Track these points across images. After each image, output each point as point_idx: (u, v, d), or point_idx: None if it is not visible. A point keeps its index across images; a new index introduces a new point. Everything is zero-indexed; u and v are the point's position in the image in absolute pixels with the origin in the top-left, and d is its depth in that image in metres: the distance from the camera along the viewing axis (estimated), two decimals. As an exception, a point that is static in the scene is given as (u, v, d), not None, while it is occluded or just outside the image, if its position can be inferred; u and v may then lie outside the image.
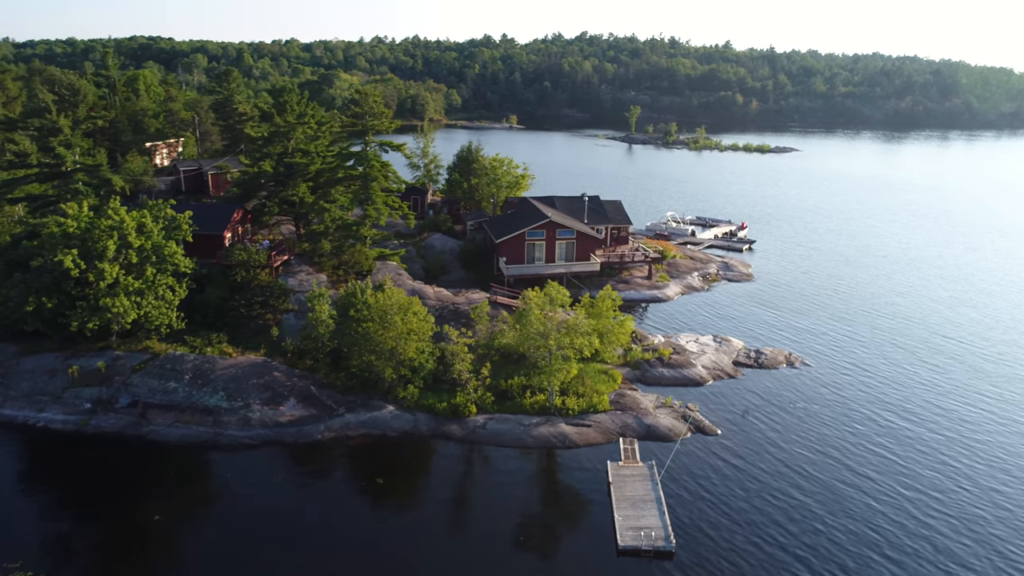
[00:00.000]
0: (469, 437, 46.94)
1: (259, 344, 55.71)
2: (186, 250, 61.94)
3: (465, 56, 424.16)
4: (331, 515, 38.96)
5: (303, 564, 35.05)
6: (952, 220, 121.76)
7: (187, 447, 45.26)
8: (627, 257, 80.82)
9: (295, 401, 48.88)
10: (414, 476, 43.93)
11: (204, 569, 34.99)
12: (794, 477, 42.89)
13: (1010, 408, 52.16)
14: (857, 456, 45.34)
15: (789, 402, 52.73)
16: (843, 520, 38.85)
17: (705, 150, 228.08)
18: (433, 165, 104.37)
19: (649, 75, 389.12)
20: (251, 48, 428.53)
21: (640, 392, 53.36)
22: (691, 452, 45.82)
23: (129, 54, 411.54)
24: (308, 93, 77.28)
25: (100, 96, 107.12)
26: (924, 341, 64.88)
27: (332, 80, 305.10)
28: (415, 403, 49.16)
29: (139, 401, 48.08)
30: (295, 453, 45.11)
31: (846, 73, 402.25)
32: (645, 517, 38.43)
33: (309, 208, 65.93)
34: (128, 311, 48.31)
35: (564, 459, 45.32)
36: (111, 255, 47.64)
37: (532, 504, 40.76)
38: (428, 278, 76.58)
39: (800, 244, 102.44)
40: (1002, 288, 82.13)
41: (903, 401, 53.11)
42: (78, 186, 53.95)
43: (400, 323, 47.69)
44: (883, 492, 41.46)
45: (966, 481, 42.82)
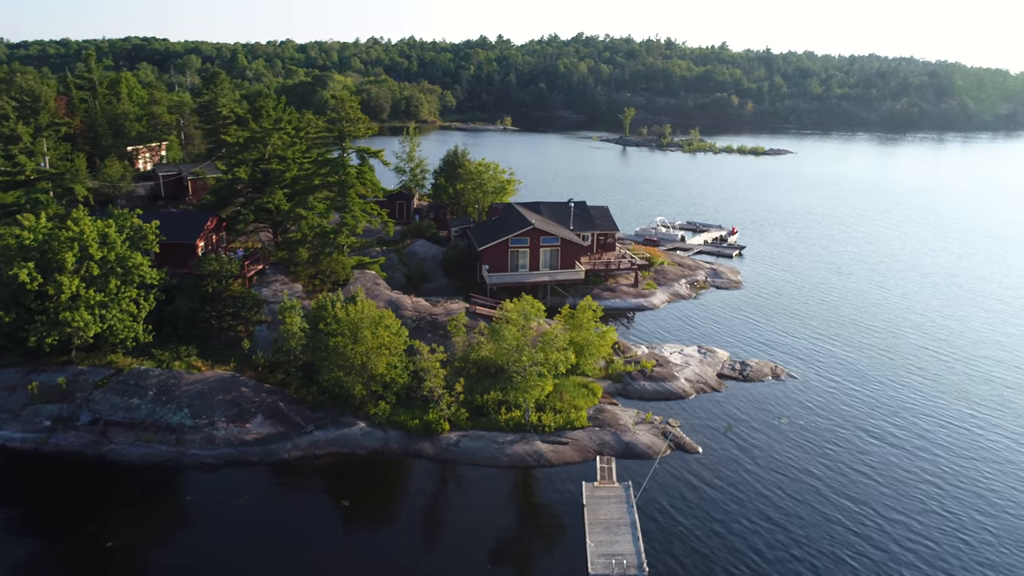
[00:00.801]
0: (441, 455, 45.43)
1: (230, 357, 54.12)
2: (157, 260, 60.52)
3: (460, 57, 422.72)
4: (295, 539, 37.44)
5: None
6: (946, 225, 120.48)
7: (148, 467, 43.69)
8: (613, 264, 79.33)
9: (263, 418, 47.32)
10: (382, 497, 42.39)
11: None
12: (775, 500, 41.41)
13: (995, 434, 49.86)
14: (840, 478, 43.82)
15: (773, 418, 51.28)
16: (824, 547, 37.36)
17: (699, 152, 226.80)
18: (419, 169, 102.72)
19: (645, 76, 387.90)
20: (246, 49, 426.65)
21: (620, 407, 51.89)
22: (670, 472, 44.33)
23: (123, 55, 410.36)
24: (285, 98, 75.78)
25: (81, 99, 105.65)
26: (913, 356, 63.12)
27: (326, 82, 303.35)
28: (387, 420, 47.64)
29: (100, 419, 46.49)
30: (260, 473, 43.55)
31: (842, 75, 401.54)
32: (618, 543, 36.92)
33: (285, 216, 64.35)
34: (89, 325, 46.72)
35: (539, 479, 43.84)
36: (71, 267, 46.04)
37: (503, 528, 39.22)
38: (410, 286, 75.15)
39: (791, 250, 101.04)
40: (995, 298, 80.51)
41: (889, 419, 51.48)
42: (40, 196, 52.33)
43: (370, 338, 46.14)
44: (866, 517, 39.92)
45: (952, 504, 41.30)
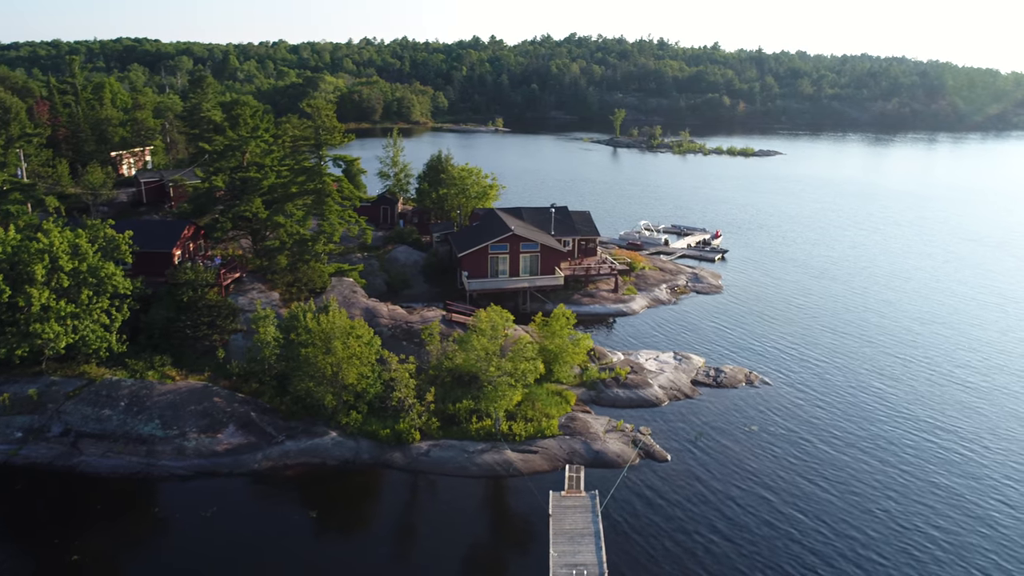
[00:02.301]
0: (412, 465, 45.63)
1: (204, 366, 54.27)
2: (133, 269, 60.63)
3: (453, 58, 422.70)
4: (262, 550, 37.66)
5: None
6: (932, 228, 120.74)
7: (118, 479, 43.77)
8: (593, 270, 79.63)
9: (234, 428, 47.46)
10: (350, 508, 42.56)
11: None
12: (741, 509, 41.71)
13: (961, 444, 49.81)
14: (808, 487, 44.13)
15: (743, 425, 51.60)
16: (790, 558, 37.65)
17: (689, 153, 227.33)
18: (403, 174, 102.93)
19: (637, 77, 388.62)
20: (238, 50, 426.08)
21: (593, 415, 52.18)
22: (638, 480, 44.62)
23: (115, 56, 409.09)
24: (263, 107, 75.89)
25: (65, 104, 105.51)
26: (887, 363, 63.18)
27: (317, 83, 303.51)
28: (358, 429, 47.84)
29: (72, 430, 46.58)
30: (230, 485, 43.69)
31: (833, 75, 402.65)
32: (581, 553, 37.16)
33: (262, 224, 64.45)
34: (60, 337, 46.80)
35: (507, 488, 44.09)
36: (41, 279, 46.11)
37: (469, 538, 39.46)
38: (390, 292, 75.42)
39: (775, 254, 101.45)
40: (976, 304, 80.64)
41: (858, 428, 51.65)
42: (11, 207, 52.34)
43: (341, 348, 46.31)
44: (833, 529, 40.16)
45: (917, 519, 41.42)
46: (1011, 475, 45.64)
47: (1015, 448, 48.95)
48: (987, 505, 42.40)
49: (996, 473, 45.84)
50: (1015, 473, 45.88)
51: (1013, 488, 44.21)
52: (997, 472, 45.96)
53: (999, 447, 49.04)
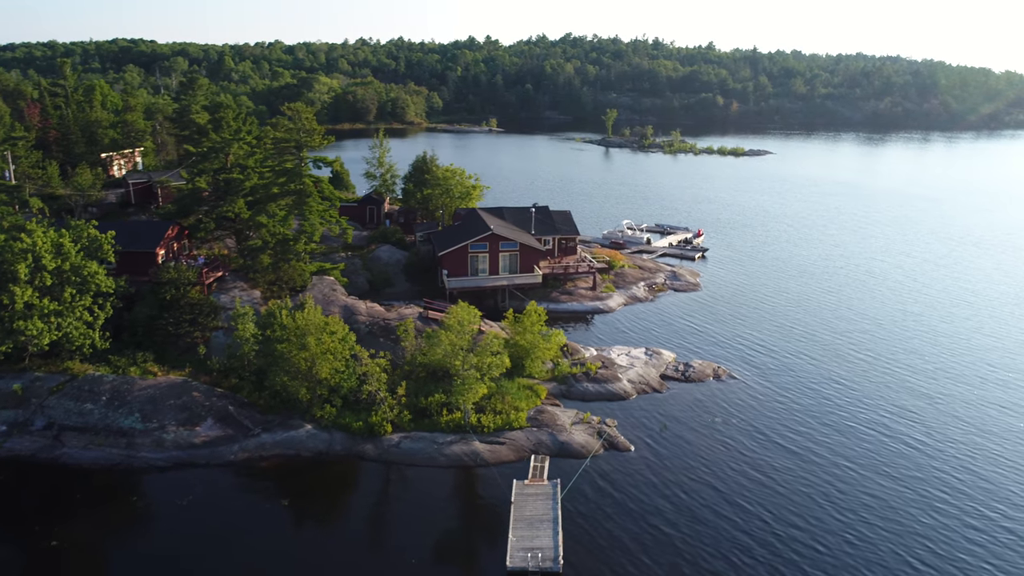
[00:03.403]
0: (383, 456, 47.30)
1: (186, 363, 55.94)
2: (118, 268, 62.31)
3: (448, 58, 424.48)
4: (234, 537, 39.31)
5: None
6: (914, 227, 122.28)
7: (99, 470, 45.38)
8: (571, 268, 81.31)
9: (212, 421, 49.10)
10: (320, 497, 44.24)
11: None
12: (697, 497, 43.33)
13: (918, 440, 50.78)
14: (757, 477, 45.51)
15: (707, 418, 53.28)
16: (737, 542, 39.29)
17: (680, 153, 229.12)
18: (389, 175, 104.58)
19: (631, 77, 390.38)
20: (233, 51, 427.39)
21: (561, 408, 53.85)
22: (600, 469, 46.30)
23: (110, 57, 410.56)
24: (246, 109, 77.49)
25: (55, 106, 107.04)
26: (856, 360, 64.45)
27: (311, 84, 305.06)
28: (332, 422, 49.49)
29: (55, 423, 48.21)
30: (207, 475, 45.31)
31: (826, 74, 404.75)
32: (539, 537, 38.86)
33: (244, 224, 66.07)
34: (43, 333, 48.42)
35: (474, 478, 45.75)
36: (24, 278, 47.74)
37: (432, 525, 41.11)
38: (372, 291, 77.01)
39: (756, 253, 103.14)
40: (948, 303, 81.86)
41: (817, 422, 52.99)
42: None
43: (314, 344, 47.95)
44: (774, 516, 41.39)
45: (860, 509, 42.57)
46: (954, 467, 47.33)
47: (963, 444, 50.63)
48: (928, 495, 44.05)
49: (942, 463, 47.50)
50: (960, 465, 47.57)
51: (955, 478, 45.92)
52: (942, 463, 47.60)
53: (947, 444, 50.63)
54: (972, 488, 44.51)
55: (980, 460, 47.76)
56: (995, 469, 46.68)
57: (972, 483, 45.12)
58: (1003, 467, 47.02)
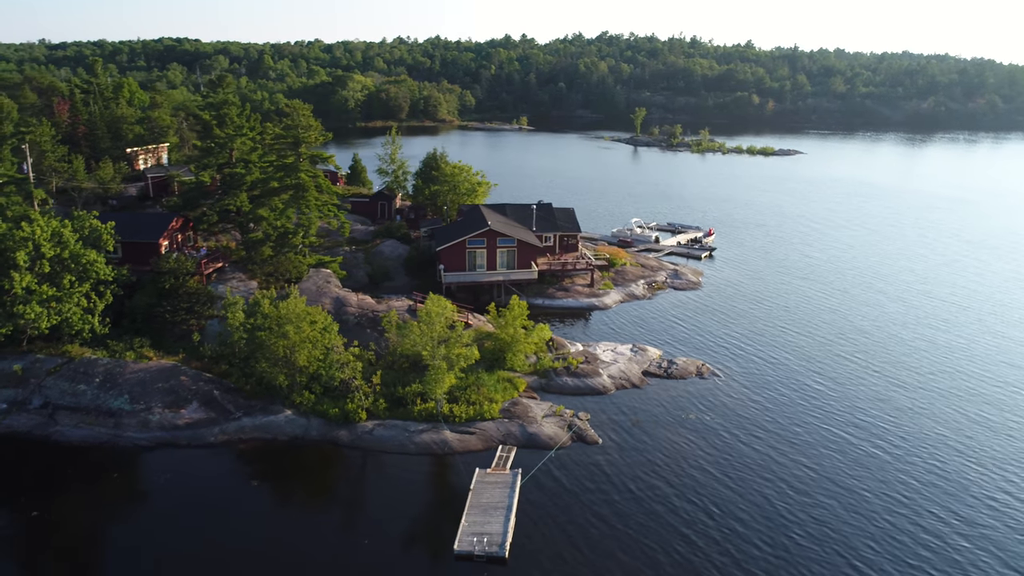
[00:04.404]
0: (356, 442, 48.84)
1: (180, 349, 58.33)
2: (123, 257, 65.33)
3: (482, 57, 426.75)
4: (204, 513, 41.28)
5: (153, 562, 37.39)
6: (939, 230, 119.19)
7: (87, 448, 47.84)
8: (569, 265, 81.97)
9: (197, 405, 51.23)
10: (288, 480, 45.93)
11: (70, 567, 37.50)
12: (650, 491, 43.78)
13: (881, 446, 50.04)
14: (720, 475, 45.65)
15: (681, 414, 53.62)
16: (677, 537, 39.65)
17: (708, 152, 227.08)
18: (401, 171, 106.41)
19: (665, 75, 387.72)
20: (273, 49, 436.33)
21: (537, 401, 54.76)
22: (565, 461, 47.11)
23: (155, 56, 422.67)
24: (249, 106, 80.00)
25: (84, 103, 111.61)
26: (844, 363, 63.56)
27: (345, 82, 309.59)
28: (311, 408, 51.24)
29: (50, 403, 50.89)
30: (186, 456, 47.43)
31: (868, 73, 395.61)
32: (490, 523, 39.93)
33: (245, 217, 68.37)
34: (41, 317, 51.12)
35: (440, 466, 46.98)
36: (24, 264, 50.48)
37: (392, 509, 42.45)
38: (372, 284, 78.81)
39: (764, 253, 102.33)
40: (960, 310, 79.64)
41: (790, 423, 52.68)
42: (2, 200, 57.08)
43: (293, 332, 49.71)
44: (730, 516, 41.42)
45: (800, 512, 42.39)
46: (920, 474, 46.97)
47: (934, 452, 50.11)
48: (883, 500, 43.86)
49: (907, 470, 47.14)
50: (925, 473, 47.19)
51: (918, 482, 45.63)
52: (907, 470, 47.23)
53: (917, 452, 50.08)
54: (932, 495, 44.06)
55: (947, 469, 46.98)
56: (961, 480, 45.82)
57: (933, 490, 44.68)
58: (969, 478, 46.43)
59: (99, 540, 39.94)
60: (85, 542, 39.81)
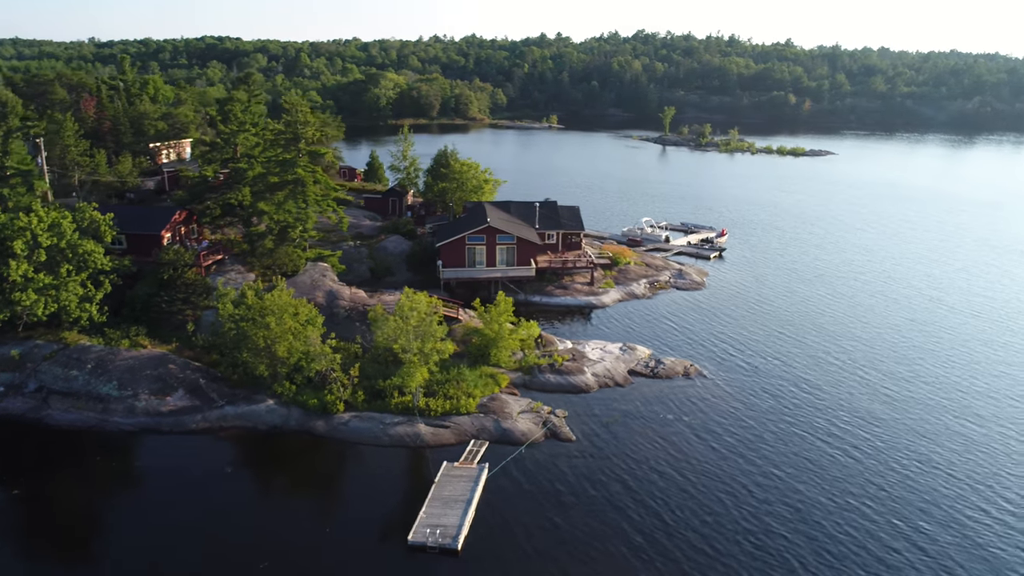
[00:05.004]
0: (331, 433, 49.67)
1: (175, 338, 59.95)
2: (127, 249, 67.41)
3: (516, 55, 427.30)
4: (177, 496, 42.47)
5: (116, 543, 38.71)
6: (963, 234, 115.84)
7: (74, 431, 49.51)
8: (569, 263, 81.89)
9: (183, 392, 52.64)
10: (260, 468, 47.05)
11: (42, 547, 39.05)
12: (616, 492, 43.49)
13: (871, 461, 49.10)
14: (682, 479, 44.96)
15: (660, 415, 53.28)
16: (628, 538, 39.44)
17: (737, 152, 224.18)
18: (413, 168, 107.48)
19: (700, 74, 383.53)
20: (311, 48, 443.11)
21: (517, 397, 55.00)
22: (535, 457, 47.25)
23: (197, 54, 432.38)
24: (252, 102, 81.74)
25: (111, 99, 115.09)
26: (840, 369, 62.19)
27: (378, 80, 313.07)
28: (291, 399, 52.24)
29: (44, 387, 52.76)
30: (167, 441, 48.80)
31: (911, 72, 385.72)
32: (448, 516, 40.33)
33: (245, 211, 69.91)
34: (38, 304, 53.07)
35: (410, 459, 47.51)
36: (21, 253, 52.47)
37: (354, 500, 43.22)
38: (373, 279, 79.83)
39: (776, 255, 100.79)
40: (968, 317, 77.46)
41: (765, 427, 51.73)
42: (6, 191, 59.40)
43: (274, 323, 50.75)
44: (686, 520, 40.92)
45: (774, 520, 42.20)
46: (891, 483, 46.00)
47: (911, 461, 49.03)
48: (847, 506, 43.09)
49: (880, 478, 46.21)
50: (896, 482, 46.20)
51: (888, 493, 44.69)
52: (881, 478, 46.30)
53: (893, 460, 49.01)
54: (894, 509, 42.89)
55: (916, 484, 45.40)
56: (929, 495, 44.19)
57: (896, 504, 43.56)
58: (939, 493, 45.21)
59: (70, 518, 41.33)
60: (58, 519, 41.23)
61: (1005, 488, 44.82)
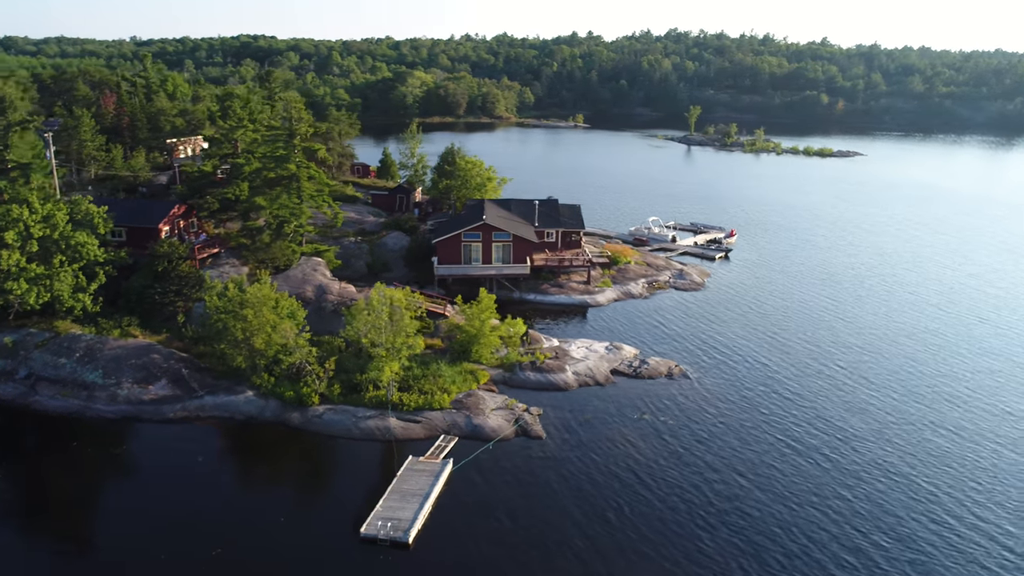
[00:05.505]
0: (305, 425, 50.29)
1: (165, 328, 61.26)
2: (126, 241, 69.07)
3: (545, 54, 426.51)
4: (150, 482, 43.70)
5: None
6: (983, 238, 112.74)
7: (59, 417, 50.87)
8: (566, 261, 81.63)
9: (166, 382, 53.77)
10: (231, 457, 47.87)
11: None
12: (577, 491, 43.24)
13: (836, 471, 47.47)
14: (638, 482, 44.26)
15: (636, 415, 52.83)
16: (587, 539, 39.21)
17: (763, 152, 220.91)
18: (420, 165, 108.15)
19: (731, 73, 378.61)
20: (343, 46, 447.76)
21: (494, 394, 55.03)
22: (505, 454, 47.27)
23: (232, 52, 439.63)
24: (253, 99, 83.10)
25: (130, 95, 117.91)
26: (828, 375, 60.56)
27: (405, 78, 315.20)
28: (270, 390, 53.02)
29: (34, 374, 54.39)
30: (145, 429, 49.91)
31: (951, 72, 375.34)
32: (403, 509, 40.57)
33: (243, 205, 71.10)
34: (28, 293, 54.67)
35: (378, 452, 47.87)
36: (14, 243, 54.10)
37: (316, 491, 43.79)
38: (370, 275, 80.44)
39: (784, 256, 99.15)
40: (979, 325, 74.85)
41: (743, 432, 50.80)
42: (3, 184, 61.31)
43: (252, 315, 51.57)
44: (633, 524, 40.31)
45: (726, 528, 41.49)
46: (858, 496, 44.98)
47: (885, 471, 47.90)
48: (804, 517, 42.29)
49: (844, 490, 45.19)
50: (838, 496, 45.15)
51: (855, 507, 43.74)
52: (846, 489, 45.28)
53: (863, 473, 47.95)
54: (858, 518, 41.79)
55: (886, 497, 43.90)
56: (892, 510, 42.67)
57: (861, 514, 42.52)
58: (906, 509, 44.01)
59: (39, 499, 42.55)
60: (28, 500, 42.51)
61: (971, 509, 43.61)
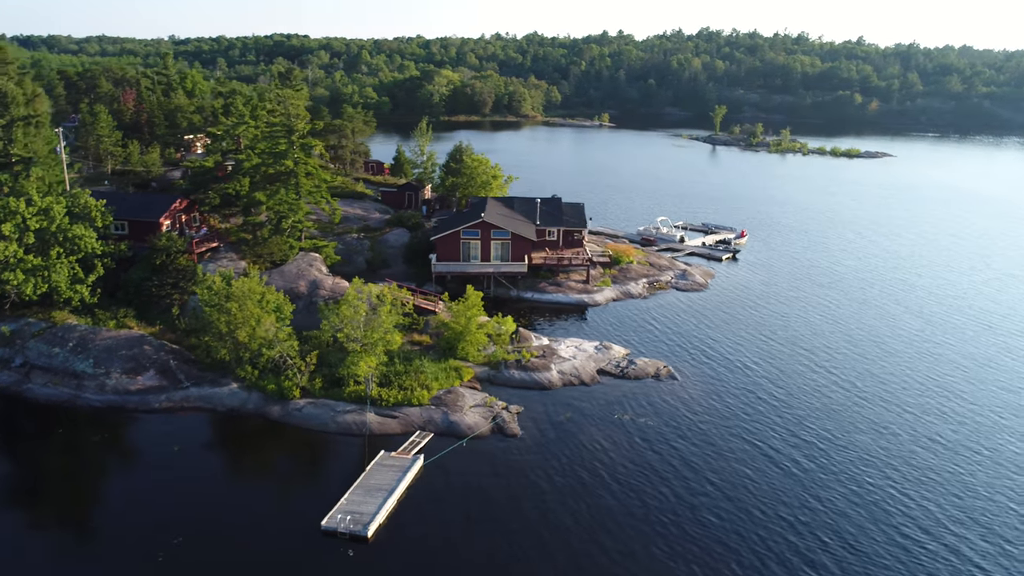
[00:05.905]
0: (284, 418, 50.79)
1: (159, 320, 62.42)
2: (128, 234, 70.52)
3: (574, 52, 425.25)
4: (129, 470, 44.74)
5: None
6: (1004, 243, 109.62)
7: (48, 405, 52.09)
8: (565, 260, 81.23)
9: (153, 372, 54.76)
10: (208, 448, 48.53)
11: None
12: (542, 491, 42.87)
13: (814, 478, 46.33)
14: (618, 484, 43.69)
15: (617, 415, 52.37)
16: (542, 540, 39.02)
17: (788, 153, 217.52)
18: (430, 163, 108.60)
19: (762, 73, 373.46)
20: (374, 45, 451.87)
21: (476, 391, 54.97)
22: (478, 451, 47.20)
23: (264, 51, 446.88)
24: (255, 96, 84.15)
25: (150, 92, 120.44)
26: (821, 381, 59.00)
27: (432, 77, 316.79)
28: (253, 383, 53.67)
29: (28, 362, 55.82)
30: (129, 418, 50.88)
31: (991, 72, 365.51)
32: (367, 504, 40.75)
33: (243, 200, 72.10)
34: (25, 284, 56.11)
35: (353, 446, 48.04)
36: (13, 235, 55.57)
37: (285, 483, 44.20)
38: (369, 271, 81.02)
39: (793, 258, 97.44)
40: (986, 332, 72.93)
41: (724, 436, 49.82)
42: (4, 177, 63.02)
43: (236, 309, 52.25)
44: (610, 526, 39.84)
45: (693, 530, 41.00)
46: (832, 510, 43.94)
47: (862, 481, 46.73)
48: (775, 524, 41.42)
49: (822, 497, 44.22)
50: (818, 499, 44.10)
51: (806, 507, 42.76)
52: (824, 497, 44.30)
53: (841, 481, 46.86)
54: (831, 525, 40.99)
55: (861, 500, 43.12)
56: (869, 518, 41.59)
57: (835, 521, 41.53)
58: (885, 516, 42.97)
59: (22, 485, 43.70)
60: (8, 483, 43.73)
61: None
